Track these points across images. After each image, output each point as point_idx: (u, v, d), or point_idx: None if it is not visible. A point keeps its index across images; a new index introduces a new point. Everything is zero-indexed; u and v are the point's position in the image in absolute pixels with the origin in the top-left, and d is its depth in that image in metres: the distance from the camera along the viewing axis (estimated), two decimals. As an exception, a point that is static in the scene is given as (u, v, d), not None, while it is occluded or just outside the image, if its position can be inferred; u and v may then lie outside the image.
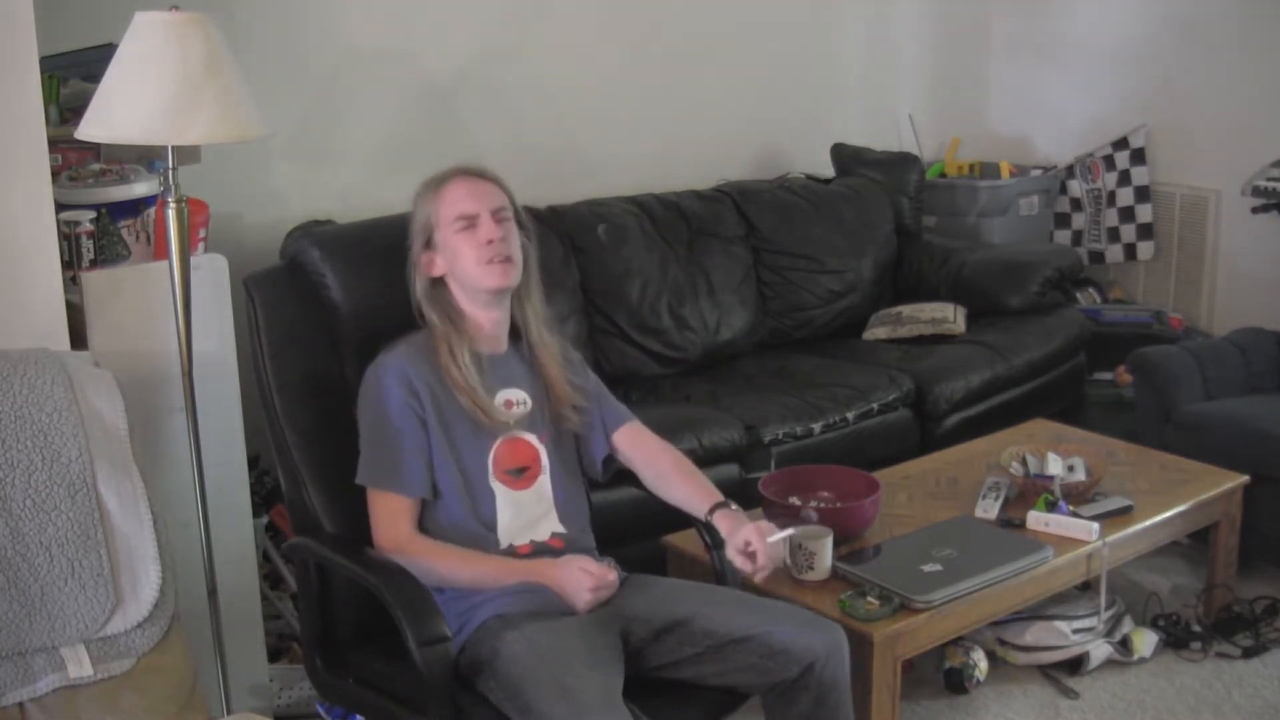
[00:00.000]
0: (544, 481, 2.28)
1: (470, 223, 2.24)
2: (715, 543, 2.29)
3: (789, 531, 2.24)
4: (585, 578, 2.16)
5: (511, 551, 2.22)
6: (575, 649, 2.04)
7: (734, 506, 2.30)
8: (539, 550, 2.24)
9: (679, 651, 2.13)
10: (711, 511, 2.29)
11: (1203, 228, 4.70)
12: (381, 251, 2.39)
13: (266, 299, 2.33)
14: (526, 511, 2.25)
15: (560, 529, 2.27)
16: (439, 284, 2.29)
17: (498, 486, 2.23)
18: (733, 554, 2.20)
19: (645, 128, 4.34)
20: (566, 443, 2.36)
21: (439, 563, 2.15)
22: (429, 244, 2.27)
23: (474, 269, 2.24)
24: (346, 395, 2.31)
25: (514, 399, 2.29)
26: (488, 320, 2.29)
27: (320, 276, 2.38)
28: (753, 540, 2.18)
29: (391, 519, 2.18)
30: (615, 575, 2.22)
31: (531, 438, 2.29)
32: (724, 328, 4.04)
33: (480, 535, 2.21)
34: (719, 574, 2.33)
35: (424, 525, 2.21)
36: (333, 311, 2.37)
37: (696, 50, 4.46)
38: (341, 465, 2.26)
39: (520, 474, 2.26)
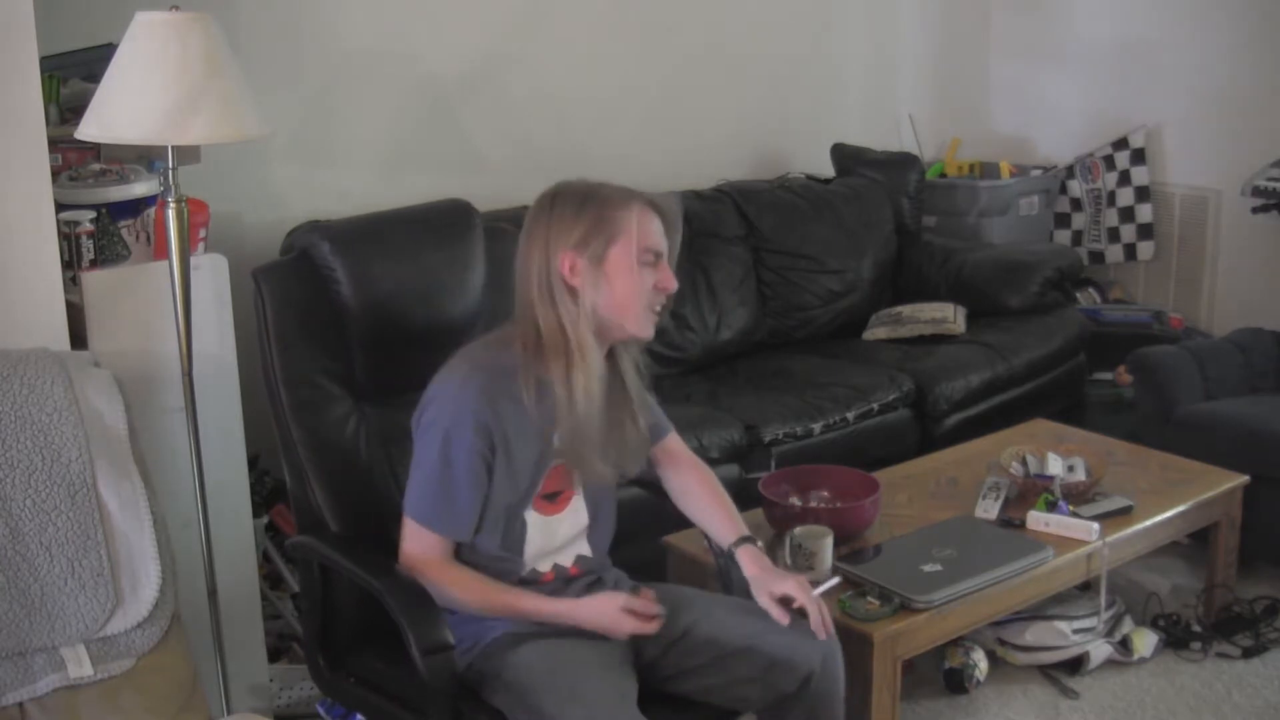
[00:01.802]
0: (578, 502, 2.19)
1: (657, 261, 2.06)
2: (720, 552, 2.27)
3: (834, 581, 2.21)
4: (626, 621, 2.04)
5: (535, 576, 2.16)
6: (587, 657, 2.03)
7: (759, 544, 2.22)
8: (559, 575, 2.18)
9: (686, 662, 2.12)
10: (737, 544, 2.21)
11: (1203, 228, 4.70)
12: (393, 245, 2.36)
13: (275, 292, 2.28)
14: (556, 537, 2.18)
15: (586, 551, 2.22)
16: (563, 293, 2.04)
17: (531, 515, 2.14)
18: (767, 603, 2.11)
19: (645, 128, 4.34)
20: None
21: (468, 594, 2.07)
22: (586, 249, 2.02)
23: (637, 310, 2.05)
24: (355, 392, 2.31)
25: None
26: (596, 359, 2.06)
27: (330, 270, 2.32)
28: (798, 596, 2.08)
29: (426, 552, 2.08)
30: (658, 609, 2.07)
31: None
32: (724, 328, 4.05)
33: (504, 559, 2.13)
34: (725, 584, 2.31)
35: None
36: (342, 306, 2.32)
37: (697, 50, 4.46)
38: (348, 464, 2.26)
39: (554, 498, 2.17)
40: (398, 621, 1.99)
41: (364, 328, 2.33)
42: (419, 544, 2.09)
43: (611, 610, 2.05)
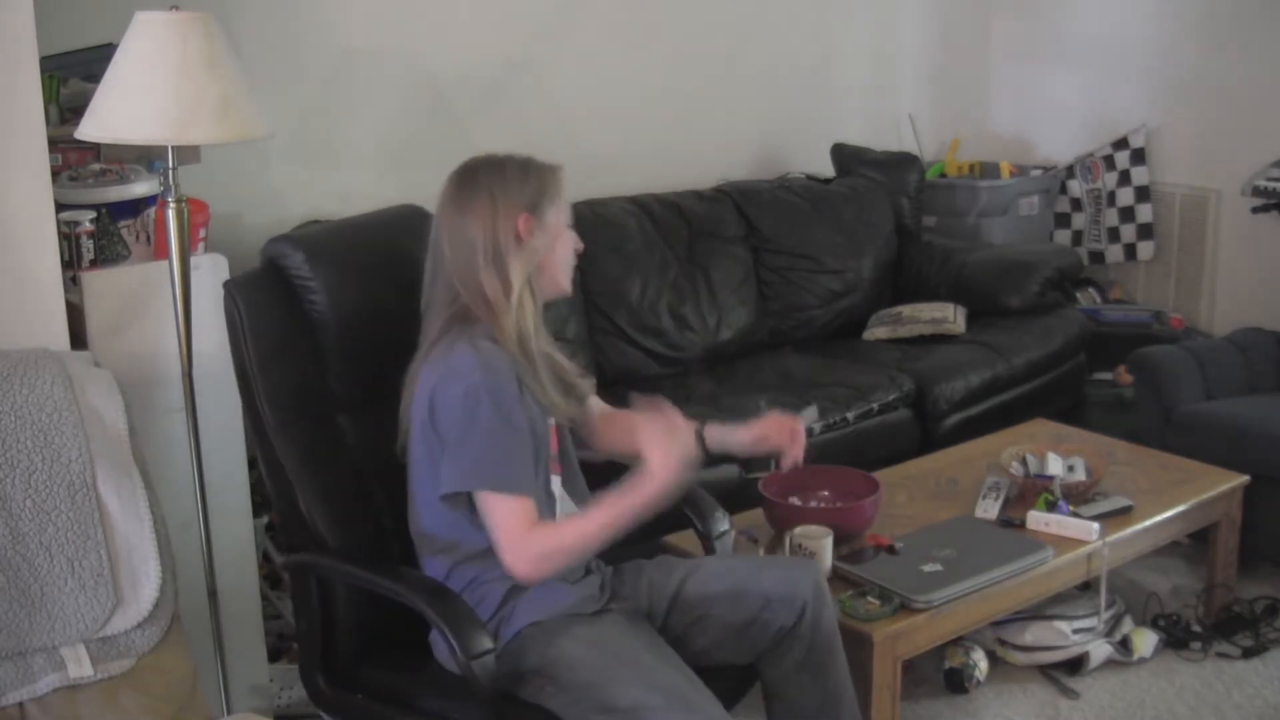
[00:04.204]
0: (556, 464, 2.23)
1: (569, 224, 2.19)
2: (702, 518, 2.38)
3: (813, 410, 2.44)
4: (671, 443, 2.02)
5: None
6: (634, 643, 2.05)
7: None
8: None
9: (688, 618, 2.16)
10: (700, 430, 2.29)
11: (1203, 228, 4.69)
12: (361, 253, 2.34)
13: (250, 304, 2.23)
14: (564, 500, 2.21)
15: (572, 507, 2.22)
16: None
17: (555, 481, 2.18)
18: (759, 442, 2.31)
19: (645, 128, 4.34)
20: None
21: (577, 539, 2.04)
22: (536, 211, 2.11)
23: (563, 270, 2.18)
24: (334, 405, 2.28)
25: None
26: (538, 311, 2.16)
27: (304, 281, 2.26)
28: (774, 431, 2.30)
29: (524, 521, 2.02)
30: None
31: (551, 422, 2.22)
32: (724, 328, 4.05)
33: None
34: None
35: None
36: (317, 316, 2.27)
37: (697, 50, 4.46)
38: (338, 477, 2.24)
39: (555, 458, 2.20)
40: (440, 630, 1.97)
41: (339, 337, 2.28)
42: (513, 517, 2.02)
43: (673, 462, 2.00)
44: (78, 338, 2.39)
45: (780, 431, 2.32)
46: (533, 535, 2.02)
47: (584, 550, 2.07)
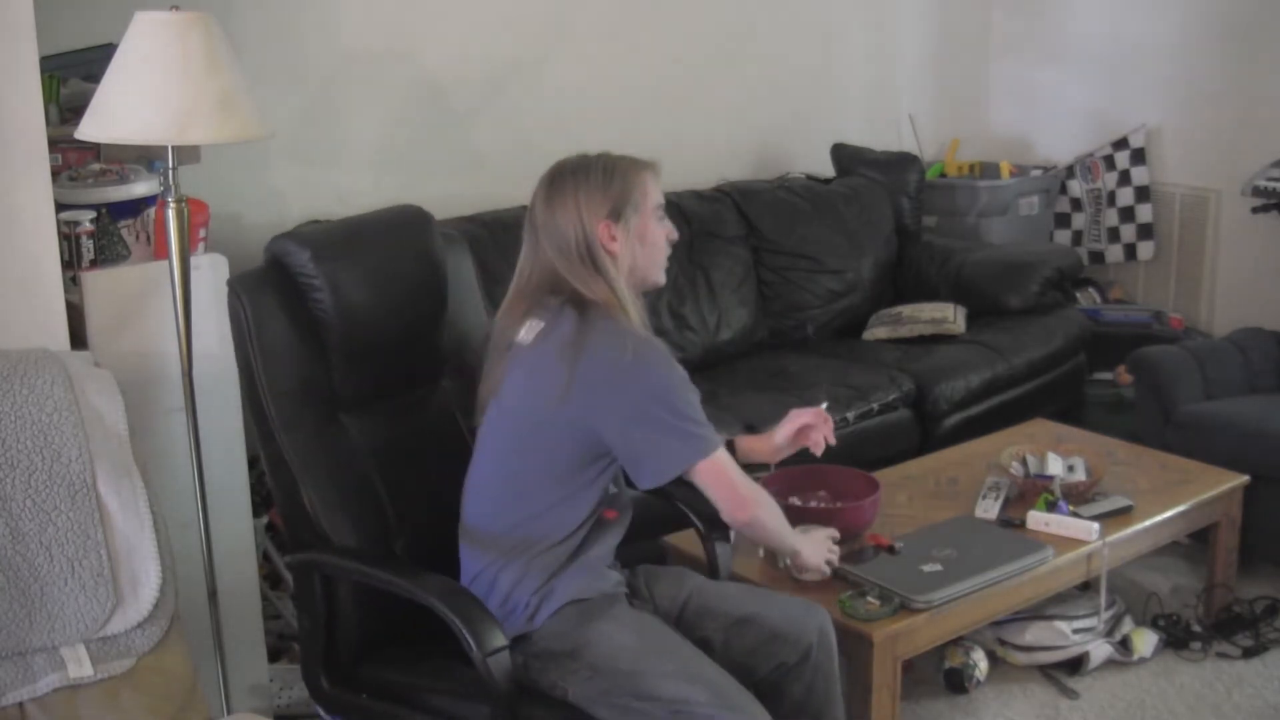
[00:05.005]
0: None
1: (663, 215, 2.24)
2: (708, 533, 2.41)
3: (825, 404, 2.55)
4: (827, 549, 2.46)
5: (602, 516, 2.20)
6: (678, 639, 2.08)
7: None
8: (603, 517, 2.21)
9: (693, 634, 2.16)
10: (729, 444, 2.40)
11: (1203, 228, 4.70)
12: (366, 252, 2.34)
13: (255, 302, 2.24)
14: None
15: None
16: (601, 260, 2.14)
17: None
18: (794, 440, 2.45)
19: (645, 128, 4.34)
20: None
21: (775, 509, 2.26)
22: (620, 217, 2.16)
23: (660, 263, 2.23)
24: (337, 403, 2.29)
25: None
26: (639, 308, 2.20)
27: (309, 279, 2.26)
28: (809, 418, 2.44)
29: (734, 466, 2.16)
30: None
31: None
32: (724, 328, 4.05)
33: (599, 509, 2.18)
34: (712, 568, 2.39)
35: (558, 498, 2.13)
36: (321, 315, 2.27)
37: (697, 50, 4.46)
38: (342, 476, 2.24)
39: None
40: (454, 627, 1.96)
41: (343, 335, 2.29)
42: (733, 471, 2.16)
43: (825, 547, 2.46)
44: (78, 338, 2.39)
45: (815, 416, 2.46)
46: (745, 480, 2.17)
47: (777, 518, 2.25)
